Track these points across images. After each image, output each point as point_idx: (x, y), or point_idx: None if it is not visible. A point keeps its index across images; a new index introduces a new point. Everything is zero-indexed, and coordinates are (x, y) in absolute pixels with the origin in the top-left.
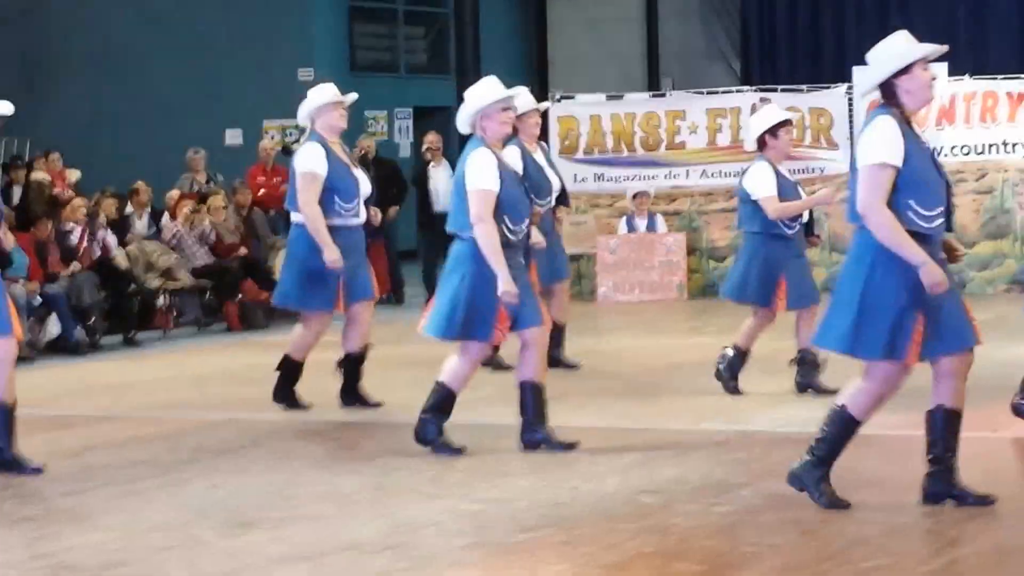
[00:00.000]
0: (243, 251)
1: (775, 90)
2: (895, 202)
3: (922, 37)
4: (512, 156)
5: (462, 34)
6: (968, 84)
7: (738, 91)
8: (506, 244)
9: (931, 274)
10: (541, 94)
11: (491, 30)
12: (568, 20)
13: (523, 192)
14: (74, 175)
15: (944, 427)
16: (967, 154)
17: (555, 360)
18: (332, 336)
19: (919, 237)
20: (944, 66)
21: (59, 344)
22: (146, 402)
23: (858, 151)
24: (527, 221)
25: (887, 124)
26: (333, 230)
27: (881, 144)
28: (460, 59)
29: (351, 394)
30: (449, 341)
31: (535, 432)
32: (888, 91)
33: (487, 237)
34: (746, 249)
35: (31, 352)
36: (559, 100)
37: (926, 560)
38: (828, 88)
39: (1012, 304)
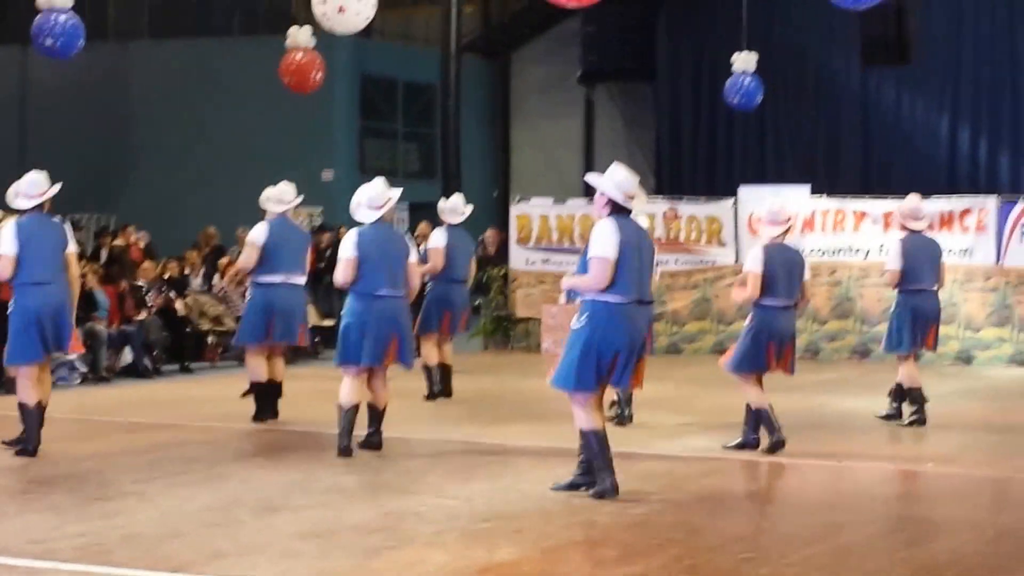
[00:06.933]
0: None
1: (681, 199)
2: None
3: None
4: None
5: (447, 149)
6: (824, 202)
7: (653, 200)
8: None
9: None
10: (504, 196)
11: (468, 148)
12: (526, 142)
13: None
14: (144, 240)
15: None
16: (822, 255)
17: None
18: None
19: None
20: (807, 187)
21: (131, 370)
22: (197, 415)
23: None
24: None
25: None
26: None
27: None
28: (445, 167)
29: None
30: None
31: None
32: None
33: None
34: None
35: (110, 375)
36: (518, 201)
37: (787, 555)
38: (720, 200)
39: (853, 368)
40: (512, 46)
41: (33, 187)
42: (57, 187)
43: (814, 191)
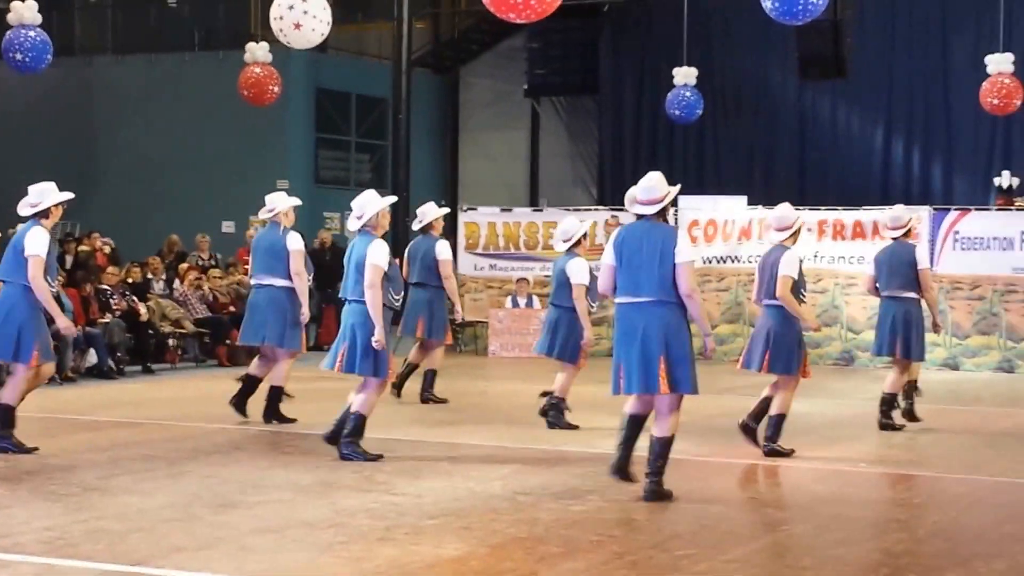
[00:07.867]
0: (232, 309)
1: (622, 209)
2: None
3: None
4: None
5: (397, 160)
6: (760, 212)
7: (595, 209)
8: (386, 305)
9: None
10: (452, 205)
11: (418, 158)
12: (474, 154)
13: (398, 272)
14: (107, 247)
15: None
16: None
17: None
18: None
19: None
20: (744, 198)
21: (95, 370)
22: (158, 414)
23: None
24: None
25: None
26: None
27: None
28: (395, 178)
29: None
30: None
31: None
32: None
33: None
34: None
35: (75, 375)
36: (466, 210)
37: (725, 551)
38: None
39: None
40: (461, 61)
41: (34, 195)
42: (60, 196)
43: (751, 201)
